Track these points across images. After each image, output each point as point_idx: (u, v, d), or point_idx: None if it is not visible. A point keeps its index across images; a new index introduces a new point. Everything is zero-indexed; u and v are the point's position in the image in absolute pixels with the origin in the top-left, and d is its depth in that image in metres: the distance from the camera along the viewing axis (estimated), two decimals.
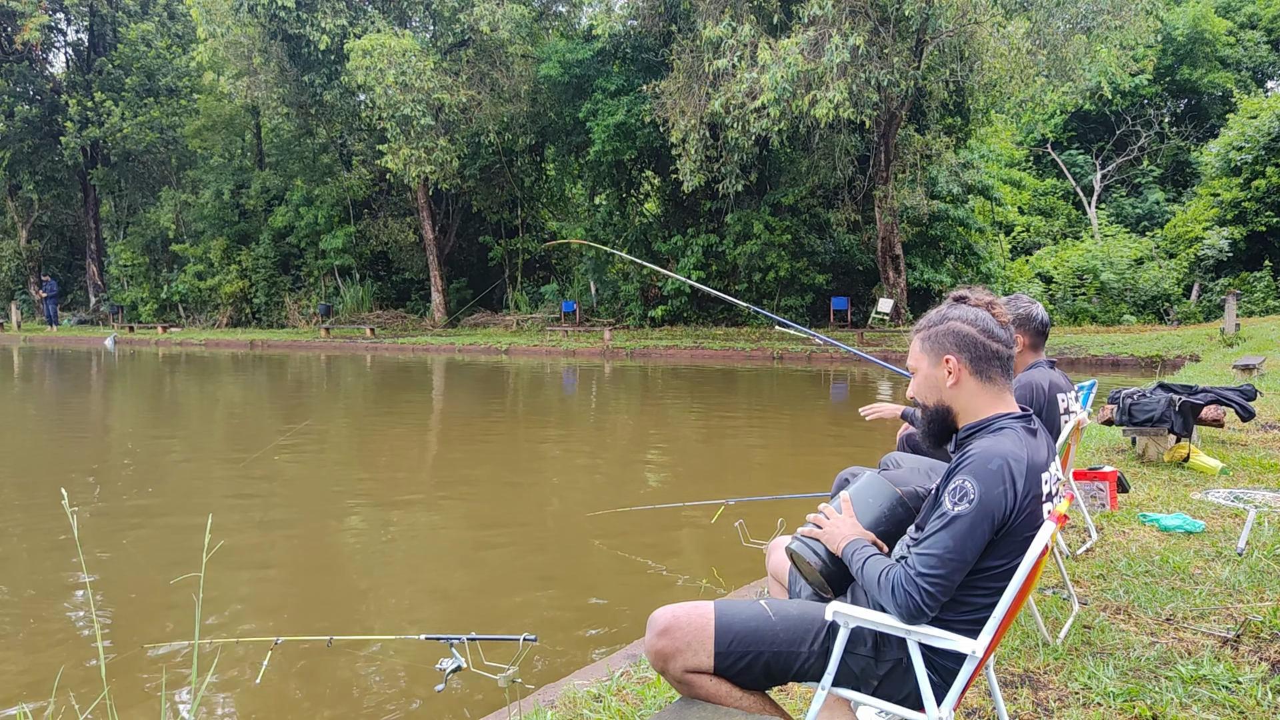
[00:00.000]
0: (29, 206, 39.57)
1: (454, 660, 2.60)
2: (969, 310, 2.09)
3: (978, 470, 1.90)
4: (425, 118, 23.71)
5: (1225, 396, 6.30)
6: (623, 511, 6.23)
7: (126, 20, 35.55)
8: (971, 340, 2.04)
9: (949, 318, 2.09)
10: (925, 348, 2.10)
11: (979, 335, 2.05)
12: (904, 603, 1.89)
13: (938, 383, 2.08)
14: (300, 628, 4.28)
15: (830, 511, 2.19)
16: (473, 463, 8.89)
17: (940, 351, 2.07)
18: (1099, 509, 4.63)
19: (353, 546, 5.80)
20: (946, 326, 2.08)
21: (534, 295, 29.93)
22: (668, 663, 2.04)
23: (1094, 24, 19.61)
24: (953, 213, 23.19)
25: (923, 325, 2.14)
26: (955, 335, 2.06)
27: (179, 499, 7.23)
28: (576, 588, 5.06)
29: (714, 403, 13.52)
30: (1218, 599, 3.49)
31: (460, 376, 17.98)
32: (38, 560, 5.42)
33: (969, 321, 2.06)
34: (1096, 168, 31.73)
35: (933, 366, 2.09)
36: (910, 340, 2.18)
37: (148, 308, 35.79)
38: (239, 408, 13.71)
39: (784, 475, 8.06)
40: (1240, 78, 32.38)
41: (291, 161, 32.92)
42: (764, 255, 23.39)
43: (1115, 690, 2.73)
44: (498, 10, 24.29)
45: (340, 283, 31.44)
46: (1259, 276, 22.91)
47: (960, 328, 2.06)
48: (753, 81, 18.69)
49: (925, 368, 2.10)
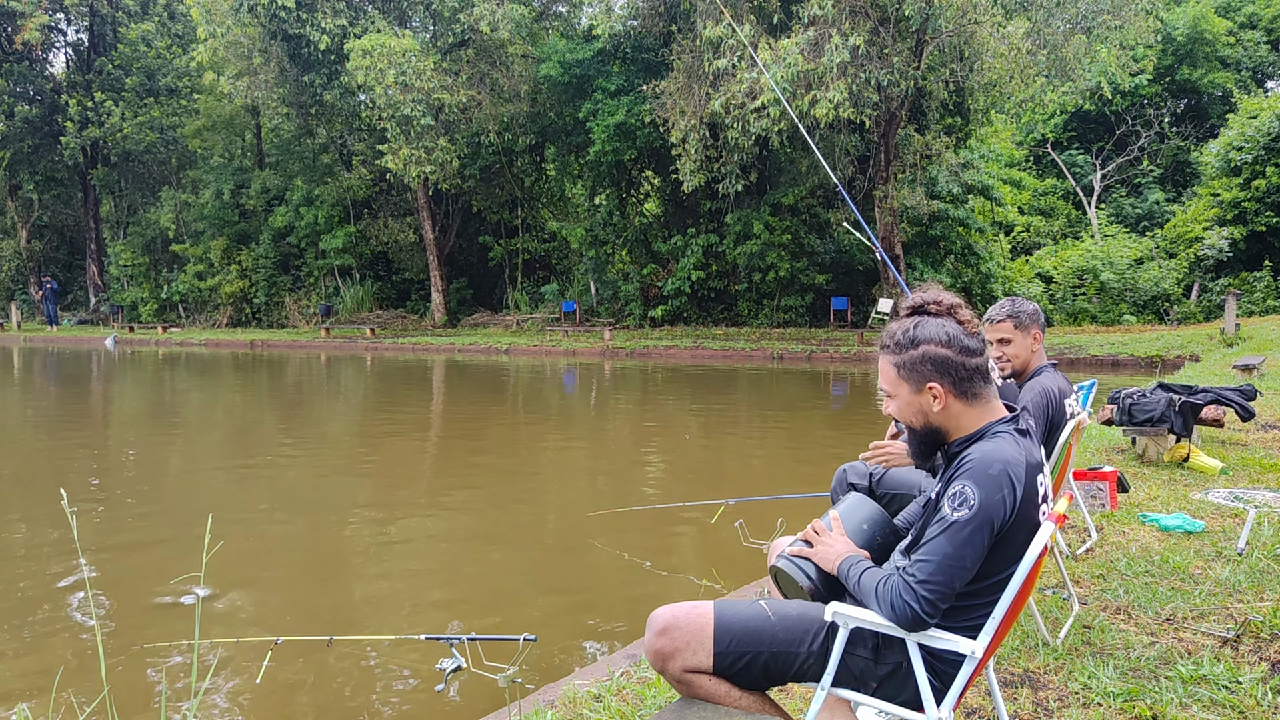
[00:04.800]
0: (29, 206, 39.58)
1: (454, 660, 2.60)
2: (938, 328, 2.01)
3: (978, 476, 1.89)
4: (425, 118, 23.71)
5: (1225, 396, 6.30)
6: (623, 511, 6.23)
7: (126, 20, 35.57)
8: (950, 364, 1.99)
9: (920, 340, 2.01)
10: (904, 375, 2.03)
11: (956, 356, 1.99)
12: (903, 612, 1.87)
13: (923, 408, 2.02)
14: (300, 628, 4.28)
15: (821, 529, 2.17)
16: (473, 463, 8.89)
17: (921, 380, 2.01)
18: (1099, 509, 4.62)
19: (353, 546, 5.80)
20: (921, 352, 2.00)
21: (534, 295, 29.94)
22: (667, 662, 2.04)
23: (1094, 24, 19.61)
24: (953, 213, 23.19)
25: (892, 347, 2.05)
26: (933, 361, 1.99)
27: (179, 499, 7.23)
28: (576, 588, 5.06)
29: (714, 403, 13.52)
30: (1218, 599, 3.48)
31: (460, 376, 17.98)
32: (37, 560, 5.42)
33: (942, 343, 1.99)
34: (1096, 168, 31.73)
35: (915, 393, 2.02)
36: (878, 359, 2.10)
37: (148, 308, 35.80)
38: (239, 408, 13.71)
39: (784, 475, 8.06)
40: (1240, 78, 32.38)
41: (291, 161, 32.93)
42: (764, 255, 23.39)
43: (1115, 690, 2.73)
44: (498, 10, 24.29)
45: (340, 283, 31.44)
46: (1259, 276, 22.91)
47: (936, 352, 1.99)
48: (752, 81, 18.70)
49: (907, 394, 2.04)
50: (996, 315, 3.58)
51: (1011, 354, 3.56)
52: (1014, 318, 3.55)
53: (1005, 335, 3.56)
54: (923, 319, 2.05)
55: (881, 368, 2.09)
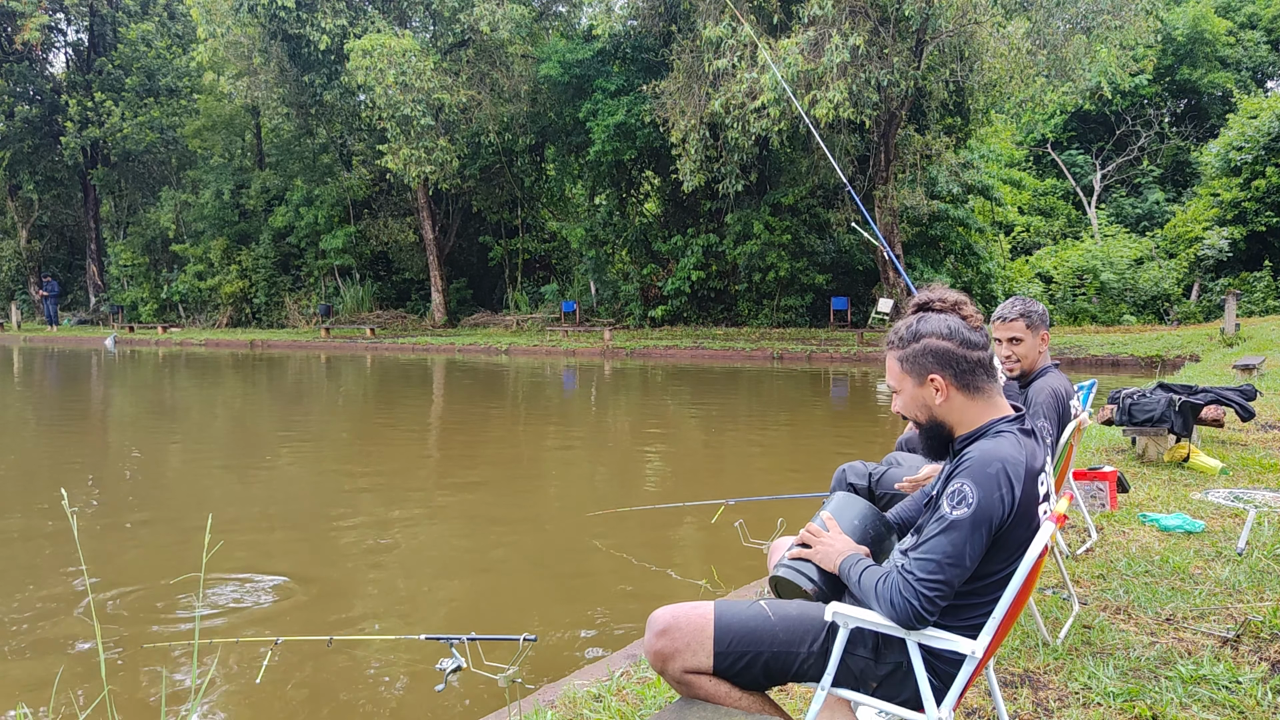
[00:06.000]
0: (29, 206, 39.57)
1: (454, 660, 2.60)
2: (940, 322, 2.05)
3: (976, 474, 1.89)
4: (425, 118, 23.71)
5: (1225, 396, 6.30)
6: (623, 511, 6.23)
7: (126, 20, 35.55)
8: (952, 356, 2.02)
9: (922, 334, 2.05)
10: (907, 369, 2.07)
11: (958, 349, 2.02)
12: (902, 609, 1.87)
13: (926, 401, 2.06)
14: (300, 628, 4.28)
15: (818, 530, 2.17)
16: (472, 463, 8.89)
17: (923, 372, 2.04)
18: (1099, 509, 4.62)
19: (353, 546, 5.80)
20: (924, 345, 2.04)
21: (534, 295, 29.93)
22: (667, 663, 2.04)
23: (1094, 24, 19.62)
24: (953, 213, 23.19)
25: (896, 342, 2.10)
26: (935, 353, 2.03)
27: (179, 498, 7.23)
28: (576, 588, 5.06)
29: (714, 403, 13.52)
30: (1218, 599, 3.48)
31: (460, 376, 17.98)
32: (38, 560, 5.42)
33: (944, 336, 2.03)
34: (1096, 168, 31.72)
35: (918, 387, 2.06)
36: (885, 356, 2.14)
37: (148, 308, 35.79)
38: (239, 408, 13.71)
39: (784, 475, 8.06)
40: (1240, 78, 32.37)
41: (291, 161, 32.92)
42: (764, 255, 23.39)
43: (1115, 690, 2.73)
44: (498, 10, 24.28)
45: (340, 283, 31.44)
46: (1259, 276, 22.91)
47: (938, 345, 2.03)
48: (752, 81, 18.70)
49: (910, 388, 2.08)
50: (1009, 314, 3.56)
51: (1021, 353, 3.56)
52: (1026, 317, 3.54)
53: (1017, 334, 3.55)
54: (926, 314, 2.09)
55: (888, 364, 2.13)
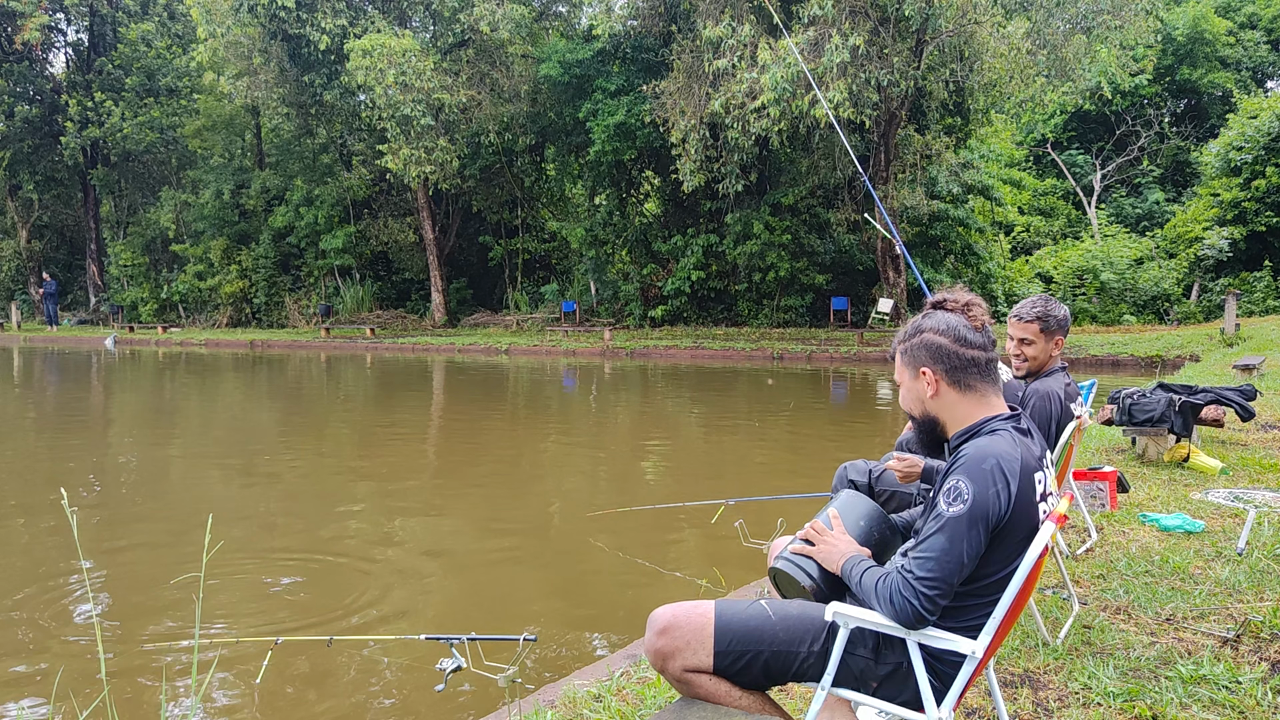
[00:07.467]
0: (29, 206, 39.57)
1: (454, 660, 2.60)
2: (942, 319, 2.10)
3: (971, 471, 1.90)
4: (425, 118, 23.71)
5: (1225, 396, 6.30)
6: (623, 511, 6.23)
7: (126, 20, 35.55)
8: (944, 351, 2.06)
9: (922, 329, 2.10)
10: (904, 361, 2.13)
11: (951, 345, 2.05)
12: (903, 608, 1.87)
13: (919, 395, 2.10)
14: (300, 628, 4.28)
15: (822, 528, 2.18)
16: (472, 463, 8.89)
17: (916, 365, 2.09)
18: (1099, 509, 4.62)
19: (353, 546, 5.80)
20: (920, 339, 2.09)
21: (534, 295, 29.93)
22: (667, 662, 2.04)
23: (1094, 24, 19.62)
24: (953, 213, 23.18)
25: (901, 337, 2.16)
26: (928, 347, 2.07)
27: (179, 498, 7.23)
28: (576, 587, 5.06)
29: (714, 403, 13.52)
30: (1218, 599, 3.48)
31: (460, 376, 17.98)
32: (37, 560, 5.42)
33: (941, 332, 2.07)
34: (1096, 168, 31.72)
35: (912, 379, 2.11)
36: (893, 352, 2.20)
37: (148, 308, 35.79)
38: (239, 408, 13.71)
39: (784, 475, 8.06)
40: (1240, 78, 32.38)
41: (291, 161, 32.92)
42: (764, 255, 23.38)
43: (1115, 690, 2.73)
44: (498, 10, 24.29)
45: (340, 283, 31.44)
46: (1259, 276, 22.90)
47: (932, 339, 2.07)
48: (752, 81, 18.70)
49: (906, 381, 2.13)
50: (1026, 314, 3.54)
51: (1031, 355, 3.55)
52: (1042, 320, 3.51)
53: (1029, 336, 3.54)
54: (934, 312, 2.14)
55: (895, 360, 2.19)
